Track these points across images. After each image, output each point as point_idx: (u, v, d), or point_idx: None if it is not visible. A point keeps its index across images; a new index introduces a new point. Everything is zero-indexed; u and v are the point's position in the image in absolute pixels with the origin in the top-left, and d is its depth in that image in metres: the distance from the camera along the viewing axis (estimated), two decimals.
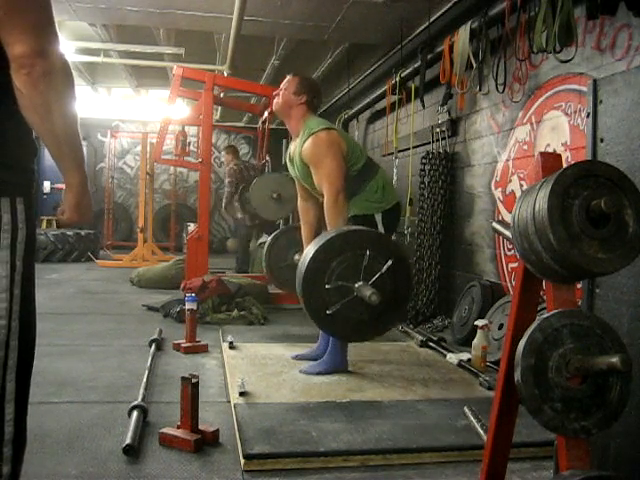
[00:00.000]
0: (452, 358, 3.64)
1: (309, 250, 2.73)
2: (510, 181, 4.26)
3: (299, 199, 3.67)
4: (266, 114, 6.79)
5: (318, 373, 3.22)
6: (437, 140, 5.31)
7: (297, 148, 3.31)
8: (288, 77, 3.45)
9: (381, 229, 3.27)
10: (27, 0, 1.19)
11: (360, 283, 2.59)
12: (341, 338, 2.72)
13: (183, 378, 2.35)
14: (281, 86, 3.44)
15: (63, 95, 1.26)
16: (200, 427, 2.35)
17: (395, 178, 6.16)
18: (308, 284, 2.62)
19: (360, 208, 3.25)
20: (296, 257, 4.00)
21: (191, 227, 8.71)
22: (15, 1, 1.17)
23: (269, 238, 4.42)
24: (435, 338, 4.13)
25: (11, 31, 1.17)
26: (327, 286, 2.59)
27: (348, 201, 3.22)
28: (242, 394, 2.84)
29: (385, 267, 2.61)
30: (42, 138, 1.28)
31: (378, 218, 3.27)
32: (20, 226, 1.29)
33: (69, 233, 9.19)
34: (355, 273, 2.61)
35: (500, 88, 4.16)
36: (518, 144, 4.19)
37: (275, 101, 3.43)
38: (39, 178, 12.30)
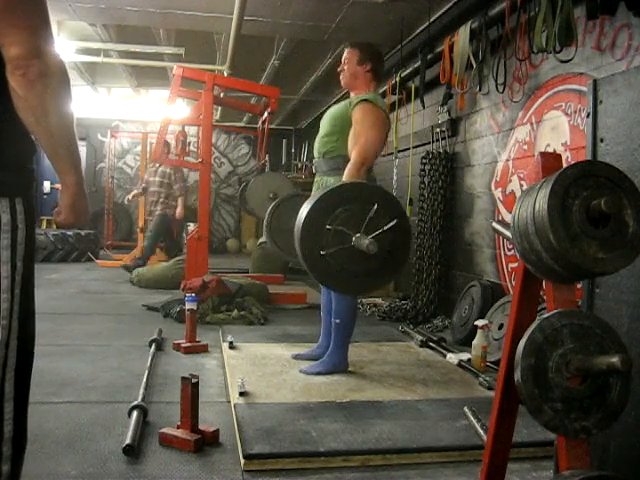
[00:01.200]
0: (452, 358, 3.64)
1: (317, 193, 2.72)
2: (510, 181, 4.26)
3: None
4: (266, 114, 6.79)
5: (318, 373, 3.22)
6: (437, 140, 5.32)
7: (348, 101, 3.30)
8: (348, 49, 3.43)
9: None
10: (22, 1, 1.19)
11: (359, 234, 2.58)
12: (329, 286, 2.70)
13: (183, 378, 2.35)
14: (343, 60, 3.42)
15: (59, 96, 1.25)
16: (200, 427, 2.35)
17: (395, 178, 6.17)
18: (309, 223, 2.58)
19: None
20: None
21: (191, 227, 8.71)
22: (10, 2, 1.17)
23: (272, 204, 4.38)
24: (435, 338, 4.13)
25: (6, 32, 1.17)
26: (327, 227, 2.56)
27: None
28: (242, 394, 2.84)
29: (389, 225, 2.61)
30: (38, 139, 1.28)
31: None
32: (20, 226, 1.29)
33: (69, 233, 9.19)
34: (357, 224, 2.60)
35: (500, 88, 4.16)
36: (518, 144, 4.19)
37: (342, 76, 3.42)
38: (39, 178, 12.32)
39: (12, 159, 1.29)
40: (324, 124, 3.39)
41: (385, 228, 2.61)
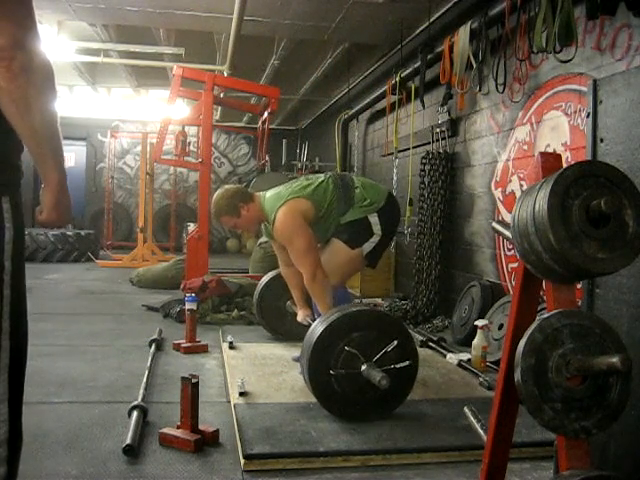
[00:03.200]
0: (452, 358, 3.64)
1: (335, 312, 2.70)
2: (510, 181, 4.26)
3: (282, 266, 3.61)
4: (266, 114, 6.79)
5: None
6: (437, 140, 5.31)
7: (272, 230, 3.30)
8: (220, 220, 3.36)
9: (377, 230, 3.25)
10: None
11: (369, 363, 2.56)
12: (327, 408, 2.68)
13: (183, 378, 2.35)
14: (225, 225, 3.47)
15: (42, 91, 1.23)
16: (200, 427, 2.35)
17: (395, 178, 6.17)
18: (322, 340, 2.56)
19: (353, 214, 3.24)
20: (288, 304, 3.95)
21: (191, 227, 8.71)
22: None
23: (262, 281, 4.35)
24: (435, 338, 4.13)
25: None
26: (346, 347, 2.55)
27: (342, 216, 3.22)
28: (242, 394, 2.84)
29: (401, 365, 2.60)
30: (20, 135, 1.25)
31: (373, 219, 3.25)
32: (7, 225, 1.26)
33: (69, 233, 9.19)
34: (368, 353, 2.57)
35: (500, 88, 4.16)
36: (518, 144, 4.19)
37: (246, 231, 3.45)
38: (39, 178, 12.31)
39: None
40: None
41: (397, 367, 2.59)
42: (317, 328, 2.64)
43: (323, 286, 3.10)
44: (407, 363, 2.60)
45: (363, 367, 2.54)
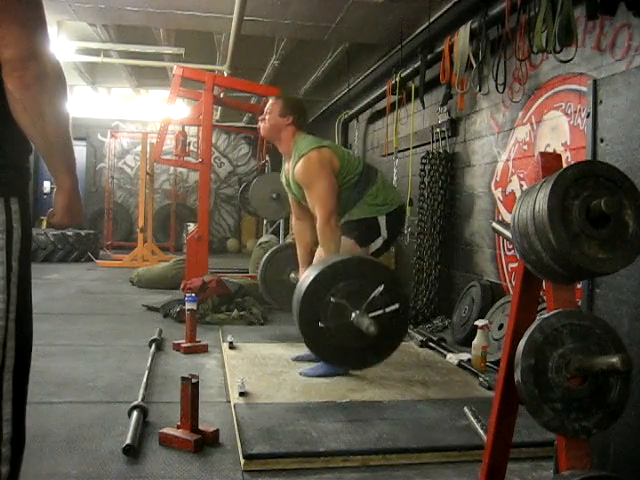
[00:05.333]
0: (452, 358, 3.64)
1: (320, 264, 2.71)
2: (510, 181, 4.26)
3: (294, 219, 3.65)
4: None
5: (319, 376, 3.21)
6: (437, 140, 5.31)
7: (290, 170, 3.31)
8: (271, 100, 3.43)
9: (384, 232, 3.26)
10: (19, 3, 1.18)
11: (359, 311, 2.57)
12: (324, 359, 2.69)
13: (183, 378, 2.35)
14: (265, 110, 3.41)
15: (55, 97, 1.25)
16: (200, 427, 2.35)
17: (395, 178, 6.16)
18: (310, 292, 2.58)
19: (362, 212, 3.26)
20: (292, 275, 3.97)
21: (191, 227, 8.71)
22: (6, 4, 1.16)
23: (266, 255, 4.38)
24: (435, 338, 4.13)
25: (2, 34, 1.16)
26: (331, 299, 2.56)
27: (350, 208, 3.23)
28: (242, 394, 2.84)
29: (390, 308, 2.60)
30: (33, 141, 1.27)
31: (382, 221, 3.27)
32: (15, 226, 1.28)
33: (69, 233, 9.19)
34: (358, 301, 2.58)
35: (500, 88, 4.16)
36: (518, 144, 4.19)
37: (263, 126, 3.41)
38: (39, 178, 12.32)
39: (7, 159, 1.28)
40: (292, 187, 3.37)
41: (387, 310, 2.59)
42: (303, 283, 2.65)
43: (333, 233, 3.10)
44: (396, 306, 2.60)
45: (353, 315, 2.55)
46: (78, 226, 1.47)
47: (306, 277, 2.68)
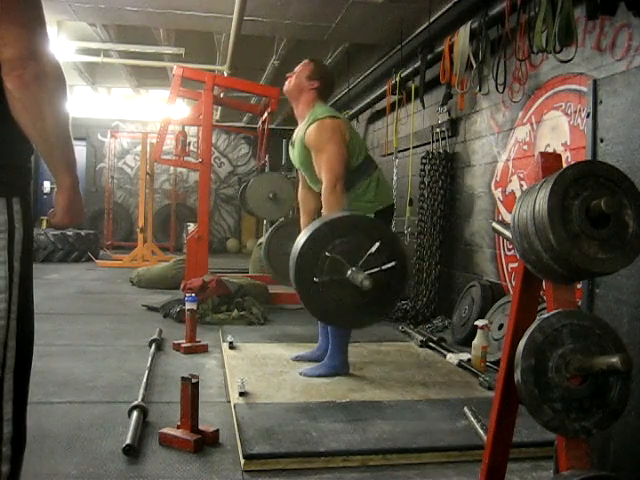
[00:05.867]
0: (452, 358, 3.64)
1: (314, 224, 2.70)
2: (510, 181, 4.26)
3: (300, 187, 3.61)
4: (266, 114, 6.79)
5: (319, 376, 3.20)
6: (437, 140, 5.31)
7: (300, 132, 3.27)
8: (304, 61, 3.41)
9: None
10: (18, 3, 1.18)
11: (355, 268, 2.56)
12: (323, 319, 2.67)
13: (183, 378, 2.34)
14: (295, 69, 3.39)
15: (55, 97, 1.25)
16: (200, 427, 2.35)
17: (395, 178, 6.16)
18: (306, 249, 2.54)
19: (352, 208, 3.21)
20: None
21: (191, 227, 8.71)
22: (6, 4, 1.16)
23: (269, 230, 4.41)
24: (435, 338, 4.13)
25: (2, 34, 1.16)
26: (326, 253, 2.53)
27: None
28: (242, 394, 2.84)
29: (387, 266, 2.58)
30: (33, 140, 1.27)
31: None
32: (17, 226, 1.28)
33: (69, 233, 9.19)
34: (354, 258, 2.57)
35: (500, 88, 4.16)
36: (518, 144, 4.19)
37: (287, 82, 3.38)
38: (39, 178, 12.32)
39: (9, 159, 1.28)
40: (297, 150, 3.34)
41: (383, 268, 2.58)
42: (300, 240, 2.64)
43: (338, 199, 3.07)
44: (393, 263, 2.60)
45: (349, 272, 2.54)
46: (79, 226, 1.47)
47: (303, 234, 2.67)
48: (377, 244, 2.55)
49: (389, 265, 2.58)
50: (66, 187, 1.35)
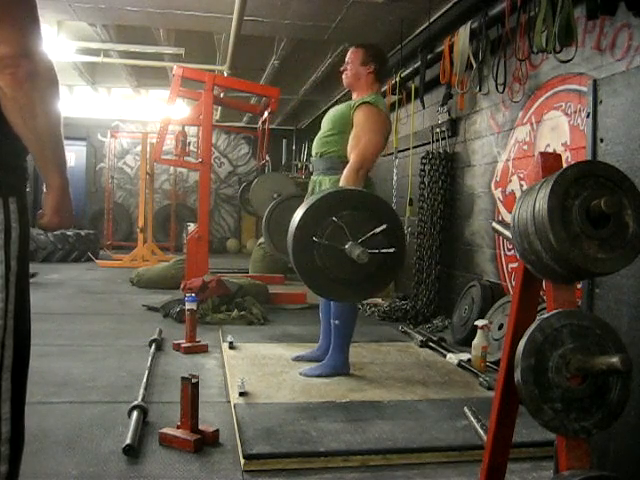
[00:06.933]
0: (452, 358, 3.64)
1: (328, 189, 2.70)
2: (510, 181, 4.26)
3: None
4: (266, 114, 6.79)
5: (319, 376, 3.20)
6: (437, 140, 5.32)
7: (350, 102, 3.27)
8: (352, 49, 3.40)
9: None
10: (12, 2, 1.18)
11: (351, 242, 2.55)
12: (323, 294, 2.66)
13: (183, 378, 2.35)
14: (347, 59, 3.38)
15: (47, 96, 1.25)
16: (200, 427, 2.35)
17: (395, 178, 6.16)
18: (313, 209, 2.54)
19: None
20: None
21: (191, 227, 8.71)
22: (0, 3, 1.16)
23: (270, 205, 4.39)
24: (435, 338, 4.13)
25: None
26: (334, 219, 2.51)
27: None
28: (242, 394, 2.84)
29: (386, 250, 2.58)
30: (24, 139, 1.27)
31: None
32: (14, 226, 1.28)
33: (69, 233, 9.18)
34: (355, 233, 2.56)
35: (500, 88, 4.16)
36: (518, 144, 4.19)
37: (344, 76, 3.38)
38: (39, 178, 12.31)
39: (4, 158, 1.28)
40: (324, 124, 3.38)
41: (382, 251, 2.57)
42: (312, 198, 2.65)
43: (358, 182, 3.04)
44: (392, 250, 2.59)
45: (348, 244, 2.54)
46: (68, 228, 1.46)
47: (317, 194, 2.68)
48: (383, 226, 2.55)
49: (389, 250, 2.58)
50: (56, 187, 1.35)
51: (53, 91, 1.26)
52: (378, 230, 2.56)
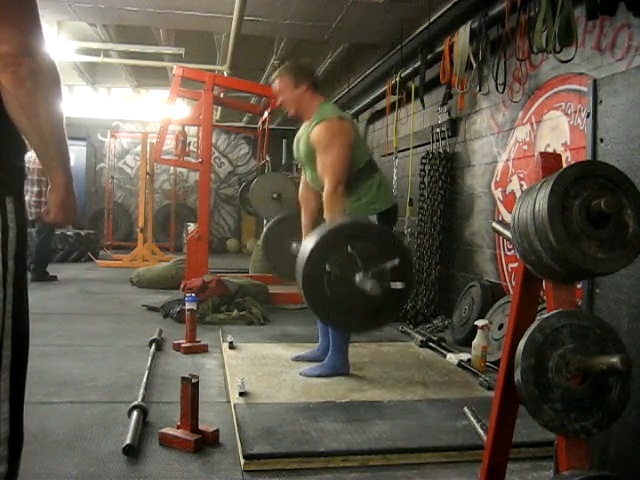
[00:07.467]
0: (452, 358, 3.64)
1: (347, 219, 2.70)
2: (510, 181, 4.26)
3: (301, 186, 3.61)
4: (266, 114, 6.80)
5: (318, 376, 3.20)
6: (437, 140, 5.31)
7: (306, 130, 3.24)
8: (277, 79, 3.31)
9: None
10: (13, 1, 1.18)
11: (363, 274, 2.55)
12: (332, 325, 2.67)
13: (183, 378, 2.35)
14: (277, 91, 3.32)
15: (50, 94, 1.25)
16: (200, 427, 2.35)
17: (395, 178, 6.16)
18: (330, 237, 2.55)
19: (357, 210, 3.18)
20: (294, 245, 3.95)
21: (191, 227, 8.71)
22: (1, 2, 1.16)
23: (267, 225, 4.39)
24: (435, 338, 4.13)
25: None
26: (349, 248, 2.52)
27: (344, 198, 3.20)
28: (242, 394, 2.84)
29: (396, 285, 2.59)
30: (28, 137, 1.28)
31: (373, 220, 3.23)
32: (11, 225, 1.28)
33: (69, 233, 9.18)
34: (366, 265, 2.57)
35: (500, 88, 4.16)
36: (518, 144, 4.19)
37: (286, 107, 3.34)
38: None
39: (2, 158, 1.28)
40: (303, 159, 3.34)
41: (392, 286, 2.57)
42: (327, 226, 2.67)
43: (340, 202, 3.06)
44: (401, 286, 2.60)
45: (359, 275, 2.55)
46: (72, 225, 1.47)
47: (331, 223, 2.69)
48: (396, 261, 2.56)
49: (397, 286, 2.59)
50: (60, 184, 1.35)
51: (55, 89, 1.27)
52: (389, 265, 2.56)
